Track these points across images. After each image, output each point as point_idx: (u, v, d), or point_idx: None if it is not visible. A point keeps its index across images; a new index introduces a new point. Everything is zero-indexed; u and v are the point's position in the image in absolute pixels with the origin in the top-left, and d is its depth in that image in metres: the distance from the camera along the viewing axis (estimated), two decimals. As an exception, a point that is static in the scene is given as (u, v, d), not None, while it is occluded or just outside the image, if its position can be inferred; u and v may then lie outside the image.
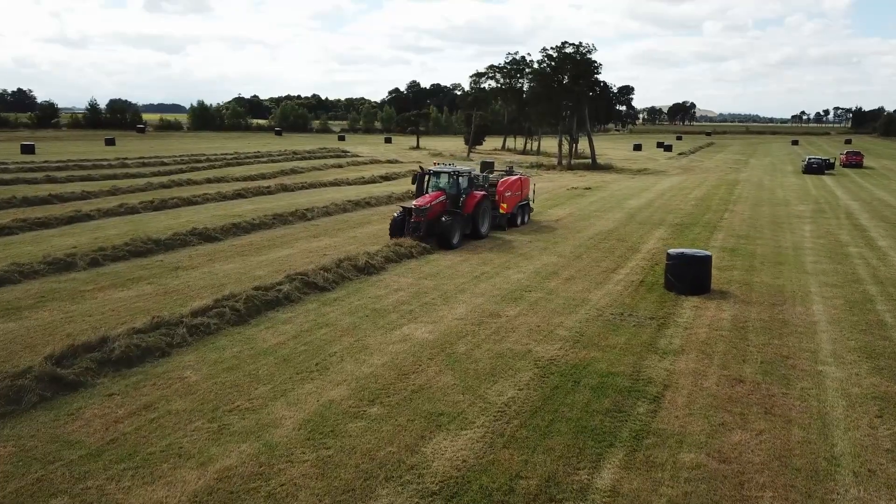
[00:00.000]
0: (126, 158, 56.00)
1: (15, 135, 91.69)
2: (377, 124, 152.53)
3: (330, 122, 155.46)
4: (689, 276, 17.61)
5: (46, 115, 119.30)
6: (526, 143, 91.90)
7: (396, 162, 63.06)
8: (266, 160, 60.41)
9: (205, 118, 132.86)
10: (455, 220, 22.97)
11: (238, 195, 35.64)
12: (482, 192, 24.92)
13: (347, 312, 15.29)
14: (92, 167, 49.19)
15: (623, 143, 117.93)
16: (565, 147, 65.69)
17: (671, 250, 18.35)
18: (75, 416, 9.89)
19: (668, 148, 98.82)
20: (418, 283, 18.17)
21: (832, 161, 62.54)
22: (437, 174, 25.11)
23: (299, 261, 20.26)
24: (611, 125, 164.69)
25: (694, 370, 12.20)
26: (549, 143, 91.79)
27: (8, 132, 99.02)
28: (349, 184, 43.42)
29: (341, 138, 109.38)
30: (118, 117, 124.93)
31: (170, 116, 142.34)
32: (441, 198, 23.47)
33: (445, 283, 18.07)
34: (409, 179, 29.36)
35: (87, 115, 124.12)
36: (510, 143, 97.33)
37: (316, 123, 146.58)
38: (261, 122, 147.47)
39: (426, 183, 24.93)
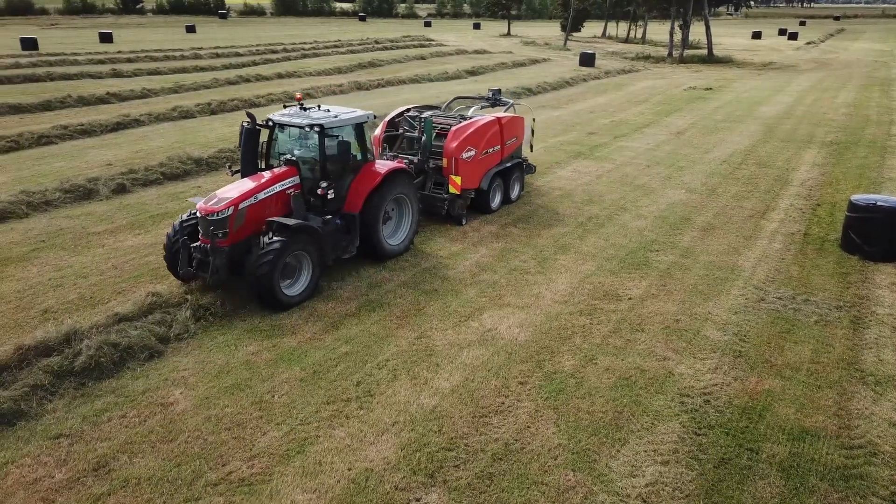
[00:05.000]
0: (200, 48, 52.75)
1: (98, 21, 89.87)
2: (466, 8, 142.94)
3: (417, 4, 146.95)
4: (885, 237, 12.64)
5: (131, 0, 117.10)
6: (630, 30, 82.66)
7: (484, 52, 57.02)
8: (345, 51, 55.62)
9: (288, 3, 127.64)
10: (295, 243, 10.13)
11: (306, 95, 31.66)
12: (393, 165, 12.05)
13: (410, 281, 11.42)
14: (163, 59, 46.21)
15: (739, 29, 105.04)
16: (677, 35, 57.48)
17: (856, 197, 13.27)
18: (-9, 484, 6.66)
19: (793, 36, 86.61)
20: (504, 231, 14.00)
21: None
22: (287, 128, 11.41)
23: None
24: (722, 9, 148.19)
25: (938, 427, 7.76)
26: (655, 30, 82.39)
27: (92, 18, 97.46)
28: (431, 80, 38.60)
29: (427, 24, 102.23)
30: (202, 2, 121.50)
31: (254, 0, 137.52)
32: (283, 183, 10.79)
33: (540, 235, 13.82)
34: (497, 74, 22.98)
35: (172, 0, 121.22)
36: (611, 29, 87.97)
37: (401, 8, 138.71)
38: (345, 6, 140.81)
39: (267, 145, 11.63)
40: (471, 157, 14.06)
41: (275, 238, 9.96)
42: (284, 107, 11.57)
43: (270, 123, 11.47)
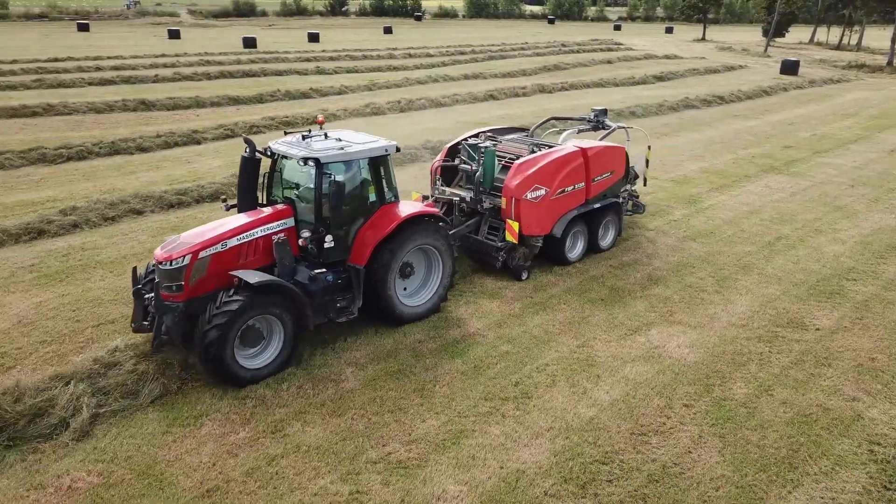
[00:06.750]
0: (395, 49, 55.57)
1: (308, 22, 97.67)
2: (659, 11, 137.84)
3: (608, 8, 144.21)
4: None
5: (338, 2, 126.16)
6: (843, 36, 75.12)
7: (675, 57, 54.68)
8: (531, 53, 55.99)
9: (480, 5, 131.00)
10: (258, 305, 8.22)
11: (490, 97, 32.32)
12: (416, 209, 9.85)
13: (577, 288, 11.31)
14: (361, 58, 49.28)
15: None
16: (902, 42, 51.33)
17: None
18: (187, 433, 7.54)
19: None
20: (682, 245, 13.39)
21: None
22: (289, 159, 9.35)
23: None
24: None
25: None
26: (874, 36, 74.22)
27: (304, 19, 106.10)
28: (616, 84, 37.73)
29: (617, 28, 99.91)
30: (400, 5, 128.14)
31: (449, 3, 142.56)
32: (269, 226, 8.94)
33: (721, 252, 13.07)
34: (687, 80, 20.76)
35: (373, 3, 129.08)
36: (821, 34, 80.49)
37: (591, 11, 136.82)
38: (534, 9, 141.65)
39: (268, 177, 9.73)
40: (539, 197, 11.49)
41: (231, 298, 8.03)
42: (285, 133, 9.68)
43: (270, 151, 9.45)
